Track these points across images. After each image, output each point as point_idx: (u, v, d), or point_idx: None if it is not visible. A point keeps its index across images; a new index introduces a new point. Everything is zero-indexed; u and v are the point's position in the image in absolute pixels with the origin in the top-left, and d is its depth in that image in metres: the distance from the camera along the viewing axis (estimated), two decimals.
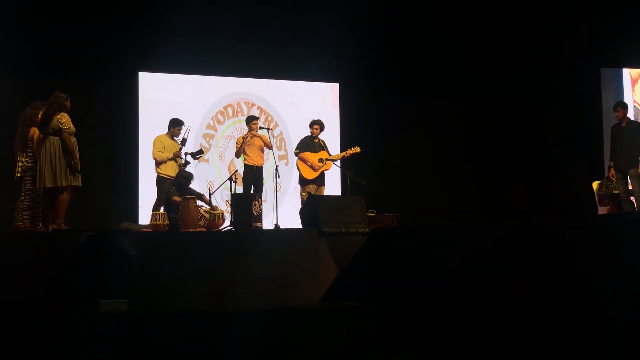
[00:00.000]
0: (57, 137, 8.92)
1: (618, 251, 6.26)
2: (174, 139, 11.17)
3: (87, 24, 12.12)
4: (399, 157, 14.34)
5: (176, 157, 11.07)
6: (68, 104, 9.12)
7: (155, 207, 10.97)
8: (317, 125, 11.89)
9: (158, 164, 11.10)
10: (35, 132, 9.18)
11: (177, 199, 10.51)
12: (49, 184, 8.86)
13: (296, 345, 6.62)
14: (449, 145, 14.46)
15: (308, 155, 11.65)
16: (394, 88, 14.40)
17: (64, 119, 8.94)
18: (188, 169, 11.06)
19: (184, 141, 11.16)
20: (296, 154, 11.75)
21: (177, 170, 11.00)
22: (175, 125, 11.23)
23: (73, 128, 9.03)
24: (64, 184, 8.90)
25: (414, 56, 14.23)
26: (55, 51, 11.99)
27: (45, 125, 8.95)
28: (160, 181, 11.08)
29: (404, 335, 7.91)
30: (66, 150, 8.92)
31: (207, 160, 13.05)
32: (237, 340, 6.57)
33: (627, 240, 6.33)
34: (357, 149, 11.86)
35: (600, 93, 14.89)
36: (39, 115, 9.17)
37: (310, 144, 11.78)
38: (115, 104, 12.68)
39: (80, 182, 9.11)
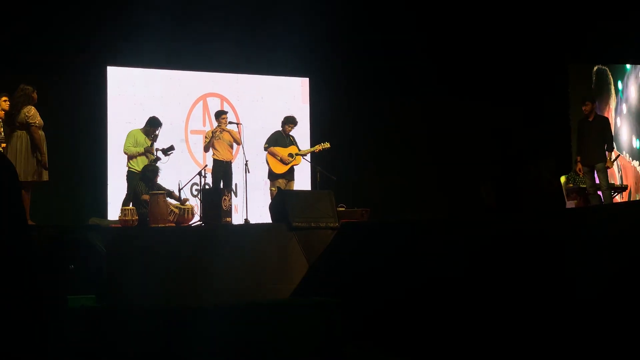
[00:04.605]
0: (24, 132, 8.81)
1: (585, 245, 6.32)
2: (147, 136, 11.13)
3: (55, 17, 12.02)
4: (368, 152, 14.36)
5: (147, 152, 11.03)
6: (35, 96, 8.99)
7: (125, 202, 10.93)
8: (292, 125, 11.87)
9: (129, 158, 11.06)
10: None
11: (146, 197, 10.45)
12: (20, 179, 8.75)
13: (266, 340, 6.61)
14: (417, 140, 14.51)
15: (278, 149, 11.65)
16: (363, 83, 14.43)
17: (31, 112, 8.83)
18: (158, 164, 11.04)
19: (155, 137, 11.12)
20: (265, 149, 11.74)
21: None
22: (153, 125, 11.17)
23: (41, 121, 8.92)
24: (30, 179, 8.80)
25: (383, 51, 14.24)
26: (22, 45, 11.86)
27: (11, 120, 8.84)
28: (130, 176, 11.04)
29: (374, 330, 7.94)
30: (34, 144, 8.81)
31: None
32: (207, 335, 6.56)
33: (594, 234, 6.39)
34: (326, 145, 11.87)
35: (568, 88, 15.04)
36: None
37: (280, 139, 11.77)
38: (83, 99, 12.58)
39: (47, 177, 9.02)
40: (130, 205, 10.56)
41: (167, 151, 11.14)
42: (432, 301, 7.38)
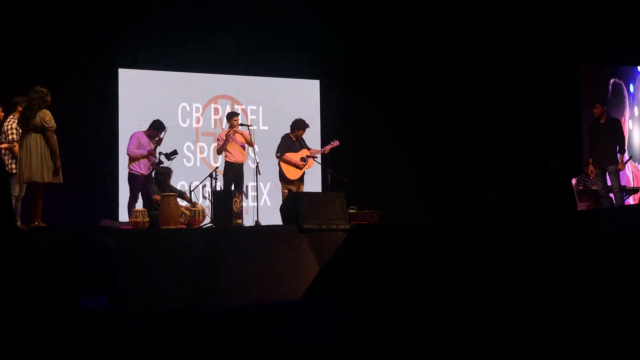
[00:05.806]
0: (39, 134, 8.80)
1: (597, 246, 6.31)
2: (150, 139, 11.14)
3: (67, 20, 12.04)
4: (379, 154, 14.35)
5: (150, 155, 11.03)
6: (49, 99, 9.00)
7: (130, 204, 10.95)
8: (303, 129, 11.82)
9: (131, 160, 11.07)
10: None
11: (157, 197, 10.47)
12: (34, 179, 8.70)
13: (277, 342, 6.63)
14: (429, 142, 14.48)
15: (290, 156, 11.59)
16: (374, 85, 14.41)
17: (47, 117, 8.83)
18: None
19: (159, 141, 11.12)
20: (278, 157, 11.66)
21: (149, 168, 10.99)
22: (157, 128, 11.17)
23: (55, 126, 8.94)
24: (47, 180, 8.80)
25: (394, 53, 14.23)
26: (35, 47, 11.90)
27: (26, 122, 8.84)
28: (132, 178, 11.06)
29: (384, 332, 7.94)
30: (51, 148, 8.81)
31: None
32: (218, 337, 6.58)
33: (606, 236, 6.38)
34: (336, 143, 11.83)
35: (579, 90, 15.00)
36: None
37: (291, 144, 11.72)
38: (95, 101, 12.62)
39: (61, 180, 9.04)
40: (141, 207, 10.58)
41: (170, 156, 11.12)
42: (443, 303, 7.38)
